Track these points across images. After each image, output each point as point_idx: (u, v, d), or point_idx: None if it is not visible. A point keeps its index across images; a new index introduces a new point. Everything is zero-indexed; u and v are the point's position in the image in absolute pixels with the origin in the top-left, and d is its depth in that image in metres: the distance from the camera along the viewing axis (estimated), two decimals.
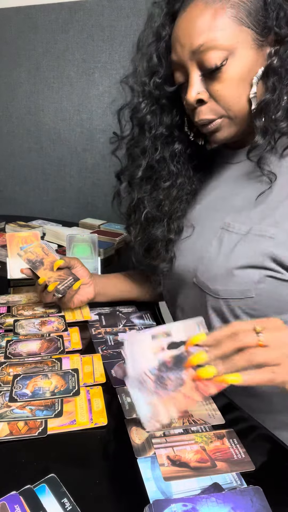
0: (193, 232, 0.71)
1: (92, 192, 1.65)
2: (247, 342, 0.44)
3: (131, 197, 0.75)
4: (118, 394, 0.60)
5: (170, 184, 0.72)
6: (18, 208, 1.79)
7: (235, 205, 0.66)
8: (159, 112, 0.69)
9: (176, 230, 0.72)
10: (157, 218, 0.73)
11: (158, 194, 0.73)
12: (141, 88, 0.68)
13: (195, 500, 0.42)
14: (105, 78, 1.47)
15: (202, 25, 0.55)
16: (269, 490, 0.43)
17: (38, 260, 0.79)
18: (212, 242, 0.66)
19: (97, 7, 1.41)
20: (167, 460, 0.48)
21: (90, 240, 1.01)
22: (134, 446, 0.50)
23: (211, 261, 0.65)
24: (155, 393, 0.42)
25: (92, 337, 0.76)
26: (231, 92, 0.58)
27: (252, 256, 0.60)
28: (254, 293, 0.61)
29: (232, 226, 0.64)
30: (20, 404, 0.57)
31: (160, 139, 0.70)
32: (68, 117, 1.58)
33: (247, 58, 0.57)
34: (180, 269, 0.71)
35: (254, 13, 0.55)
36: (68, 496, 0.43)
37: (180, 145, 0.71)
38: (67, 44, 1.49)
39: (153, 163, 0.71)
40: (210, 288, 0.65)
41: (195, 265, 0.68)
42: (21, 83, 1.61)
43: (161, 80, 0.65)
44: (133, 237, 0.78)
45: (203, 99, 0.59)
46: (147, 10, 0.65)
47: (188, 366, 0.45)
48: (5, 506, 0.41)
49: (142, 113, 0.68)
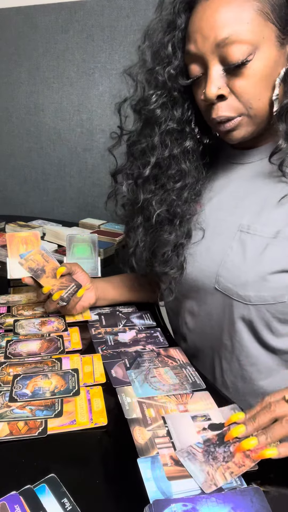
0: (204, 235, 0.68)
1: (92, 192, 1.65)
2: (280, 412, 0.47)
3: (136, 198, 0.70)
4: (118, 394, 0.60)
5: (183, 184, 0.67)
6: (18, 208, 1.79)
7: (251, 207, 0.64)
8: (171, 105, 0.64)
9: (187, 234, 0.68)
10: (168, 220, 0.68)
11: (168, 195, 0.67)
12: (153, 78, 0.63)
13: (195, 500, 0.42)
14: (105, 78, 1.47)
15: (228, 16, 0.52)
16: (269, 490, 0.44)
17: (39, 268, 0.78)
18: (232, 245, 0.64)
19: (97, 7, 1.41)
20: (170, 460, 0.48)
21: (90, 240, 1.01)
22: (138, 446, 0.50)
23: (237, 266, 0.62)
24: (207, 463, 0.47)
25: (92, 337, 0.76)
26: (254, 89, 0.55)
27: (286, 261, 0.59)
28: (286, 297, 0.59)
29: (254, 229, 0.62)
30: (20, 404, 0.57)
31: (171, 135, 0.66)
32: (68, 117, 1.58)
33: (270, 55, 0.54)
34: (194, 274, 0.68)
35: (278, 9, 0.53)
36: (68, 496, 0.43)
37: (192, 142, 0.67)
38: (67, 44, 1.49)
39: (161, 161, 0.67)
40: (240, 295, 0.62)
41: (215, 270, 0.65)
42: (21, 83, 1.61)
43: (175, 72, 0.61)
44: (135, 242, 0.72)
45: (224, 94, 0.56)
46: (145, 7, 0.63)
47: (228, 439, 0.49)
48: (5, 506, 0.41)
49: (152, 106, 0.64)
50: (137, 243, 0.72)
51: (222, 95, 0.57)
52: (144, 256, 0.73)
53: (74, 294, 0.76)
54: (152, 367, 0.66)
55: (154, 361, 0.68)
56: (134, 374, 0.64)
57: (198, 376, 0.64)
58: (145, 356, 0.69)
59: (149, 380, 0.62)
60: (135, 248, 0.73)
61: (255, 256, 0.61)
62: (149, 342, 0.74)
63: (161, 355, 0.70)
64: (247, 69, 0.54)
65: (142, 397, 0.59)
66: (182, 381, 0.63)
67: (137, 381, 0.62)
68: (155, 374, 0.64)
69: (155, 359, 0.68)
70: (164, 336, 0.77)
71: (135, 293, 0.90)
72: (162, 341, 0.75)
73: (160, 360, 0.68)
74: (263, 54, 0.54)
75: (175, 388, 0.61)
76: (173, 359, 0.69)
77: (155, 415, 0.55)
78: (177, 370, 0.65)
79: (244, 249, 0.62)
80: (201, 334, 0.73)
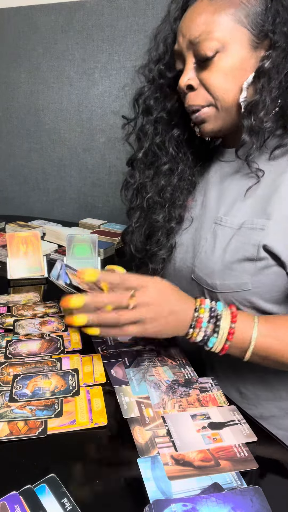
0: (191, 225, 0.74)
1: (92, 192, 1.65)
2: (120, 303, 0.54)
3: (134, 181, 0.78)
4: (117, 393, 0.60)
5: (170, 169, 0.75)
6: (18, 208, 1.79)
7: (227, 201, 0.69)
8: (162, 97, 0.73)
9: (177, 219, 0.75)
10: (159, 203, 0.75)
11: (159, 180, 0.75)
12: (149, 74, 0.73)
13: (195, 500, 0.42)
14: (105, 78, 1.47)
15: (202, 19, 0.60)
16: (269, 490, 0.44)
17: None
18: (207, 237, 0.69)
19: (97, 7, 1.41)
20: (171, 459, 0.48)
21: (90, 240, 1.01)
22: (138, 446, 0.50)
23: (207, 257, 0.67)
24: (166, 394, 0.58)
25: (92, 337, 0.76)
26: (219, 82, 0.61)
27: (246, 249, 0.62)
28: (250, 285, 0.63)
29: (225, 221, 0.67)
30: (20, 404, 0.57)
31: (161, 123, 0.74)
32: (68, 117, 1.58)
33: (238, 55, 0.60)
34: (178, 263, 0.74)
35: (253, 16, 0.58)
36: (68, 496, 0.43)
37: (179, 131, 0.74)
38: (67, 44, 1.49)
39: (154, 147, 0.75)
40: (208, 283, 0.67)
41: (192, 261, 0.71)
42: (21, 83, 1.61)
43: (164, 67, 0.70)
44: (133, 222, 0.79)
45: (193, 85, 0.63)
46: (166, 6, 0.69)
47: (79, 281, 0.59)
48: (5, 506, 0.41)
49: (146, 97, 0.73)
50: (135, 224, 0.79)
51: (191, 85, 0.63)
52: (140, 237, 0.79)
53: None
54: (151, 366, 0.66)
55: (154, 361, 0.68)
56: (133, 372, 0.64)
57: (196, 375, 0.64)
58: (145, 355, 0.69)
59: (147, 379, 0.63)
60: (133, 228, 0.80)
61: (222, 246, 0.65)
62: (149, 342, 0.74)
63: (161, 354, 0.70)
64: (214, 63, 0.61)
65: (140, 395, 0.59)
66: (178, 378, 0.63)
67: (135, 380, 0.62)
68: (153, 373, 0.64)
69: (155, 358, 0.69)
70: None
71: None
72: (162, 341, 0.75)
73: (160, 359, 0.68)
74: (230, 53, 0.60)
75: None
76: (172, 359, 0.69)
77: (154, 415, 0.55)
78: (176, 369, 0.66)
79: (214, 240, 0.67)
80: None
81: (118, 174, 1.56)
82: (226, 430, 0.53)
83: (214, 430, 0.53)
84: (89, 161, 1.61)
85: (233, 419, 0.55)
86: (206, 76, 0.62)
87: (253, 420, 0.56)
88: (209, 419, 0.55)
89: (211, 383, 0.62)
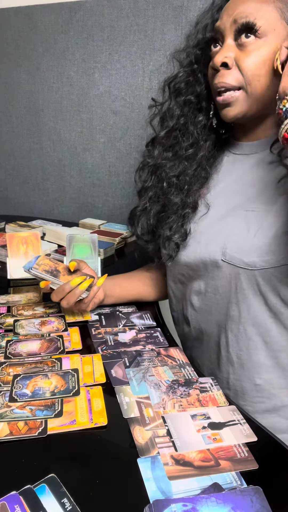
0: (208, 212, 0.75)
1: (92, 192, 1.65)
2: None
3: (152, 161, 0.79)
4: (117, 393, 0.60)
5: (193, 154, 0.76)
6: (18, 208, 1.79)
7: (253, 189, 0.71)
8: (194, 81, 0.75)
9: (192, 206, 0.76)
10: (177, 186, 0.77)
11: (180, 163, 0.77)
12: (186, 58, 0.76)
13: (195, 500, 0.42)
14: (105, 78, 1.47)
15: (252, 3, 0.63)
16: (269, 490, 0.44)
17: (53, 269, 0.78)
18: (237, 222, 0.69)
19: (97, 7, 1.41)
20: (171, 459, 0.48)
21: (90, 240, 1.01)
22: (138, 446, 0.50)
23: (242, 237, 0.68)
24: (166, 394, 0.59)
25: (92, 337, 0.76)
26: (255, 66, 0.63)
27: (281, 225, 0.64)
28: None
29: (255, 208, 0.69)
30: (20, 404, 0.57)
31: (189, 106, 0.76)
32: (68, 117, 1.58)
33: (276, 47, 0.62)
34: (200, 250, 0.73)
35: None
36: (68, 496, 0.43)
37: (205, 117, 0.76)
38: (67, 44, 1.49)
39: (177, 127, 0.77)
40: (245, 262, 0.67)
41: (222, 243, 0.70)
42: (21, 83, 1.61)
43: (200, 52, 0.73)
44: (146, 201, 0.80)
45: (228, 63, 0.65)
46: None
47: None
48: (5, 506, 0.41)
49: (178, 81, 0.76)
50: (146, 203, 0.81)
51: (226, 63, 0.65)
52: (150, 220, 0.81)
53: (92, 284, 0.77)
54: (151, 366, 0.66)
55: (154, 361, 0.68)
56: (133, 372, 0.64)
57: (196, 375, 0.64)
58: (145, 355, 0.69)
59: (147, 379, 0.63)
60: (143, 208, 0.81)
61: (257, 226, 0.67)
62: (149, 342, 0.74)
63: (161, 354, 0.70)
64: (254, 49, 0.63)
65: (140, 395, 0.59)
66: (178, 378, 0.63)
67: (135, 379, 0.62)
68: (153, 373, 0.64)
69: (155, 358, 0.69)
70: (164, 336, 0.77)
71: (140, 289, 0.91)
72: (162, 341, 0.75)
73: (160, 359, 0.68)
74: (269, 42, 0.63)
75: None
76: (172, 359, 0.69)
77: (154, 415, 0.55)
78: (176, 369, 0.66)
79: (248, 224, 0.68)
80: (207, 312, 0.76)
81: (118, 174, 1.56)
82: (226, 430, 0.53)
83: (214, 430, 0.53)
84: (89, 161, 1.61)
85: (233, 419, 0.55)
86: (243, 58, 0.64)
87: (253, 420, 0.56)
88: (209, 419, 0.55)
89: (211, 383, 0.62)
